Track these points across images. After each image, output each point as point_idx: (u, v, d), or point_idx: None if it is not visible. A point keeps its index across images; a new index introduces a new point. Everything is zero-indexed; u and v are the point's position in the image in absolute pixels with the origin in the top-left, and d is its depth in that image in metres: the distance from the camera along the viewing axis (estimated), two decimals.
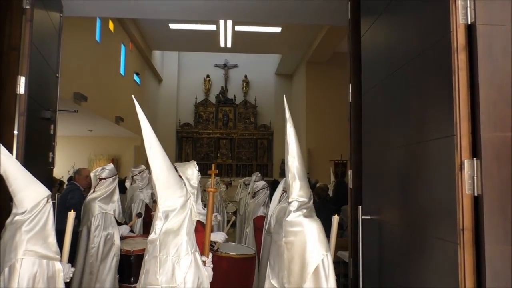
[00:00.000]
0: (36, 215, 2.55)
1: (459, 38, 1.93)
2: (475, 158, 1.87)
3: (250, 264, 4.27)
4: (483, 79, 1.87)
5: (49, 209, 2.61)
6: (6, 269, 2.44)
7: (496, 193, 1.83)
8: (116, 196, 4.50)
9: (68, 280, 2.74)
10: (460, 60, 1.92)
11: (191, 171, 3.17)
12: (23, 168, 2.61)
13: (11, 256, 2.46)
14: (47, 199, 2.60)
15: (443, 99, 2.01)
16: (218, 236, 3.77)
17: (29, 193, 2.54)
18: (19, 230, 2.51)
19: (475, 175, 1.86)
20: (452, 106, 1.92)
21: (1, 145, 2.54)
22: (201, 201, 3.43)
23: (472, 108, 1.91)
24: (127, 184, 5.86)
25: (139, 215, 5.26)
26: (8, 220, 2.57)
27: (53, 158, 4.28)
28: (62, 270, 2.64)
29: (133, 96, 2.59)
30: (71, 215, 2.83)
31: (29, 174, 2.61)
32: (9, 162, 2.53)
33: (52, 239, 2.60)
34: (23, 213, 2.53)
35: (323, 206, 5.55)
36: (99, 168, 4.54)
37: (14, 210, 2.56)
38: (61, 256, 2.72)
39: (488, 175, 1.84)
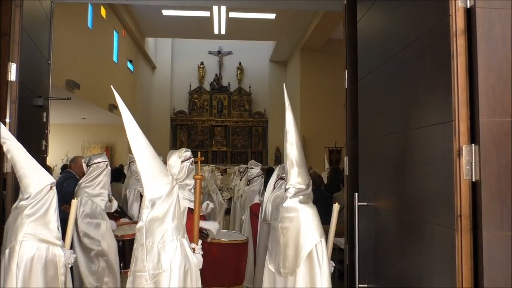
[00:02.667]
0: (39, 201, 2.68)
1: (458, 22, 1.90)
2: (473, 144, 1.86)
3: (242, 250, 4.26)
4: (482, 64, 1.85)
5: (52, 196, 2.75)
6: (7, 251, 2.61)
7: (494, 179, 1.82)
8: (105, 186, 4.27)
9: (70, 266, 2.84)
10: (459, 44, 1.89)
11: (175, 158, 3.24)
12: (30, 155, 2.72)
13: (12, 239, 2.62)
14: (51, 186, 2.73)
15: (441, 84, 1.99)
16: (211, 225, 3.67)
17: (34, 179, 2.69)
18: (21, 214, 2.65)
19: (473, 161, 1.85)
20: (451, 91, 1.90)
21: (9, 132, 2.71)
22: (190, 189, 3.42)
23: (470, 93, 1.89)
24: (126, 170, 5.80)
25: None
26: (14, 205, 2.74)
27: (46, 146, 4.23)
28: (63, 255, 2.75)
29: (112, 86, 2.58)
30: (74, 203, 2.94)
31: (35, 161, 2.74)
32: (17, 149, 2.68)
33: (53, 225, 2.74)
34: (27, 198, 2.67)
35: (318, 193, 5.55)
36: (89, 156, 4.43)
37: (20, 196, 2.72)
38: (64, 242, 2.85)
39: (486, 161, 1.82)
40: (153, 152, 2.50)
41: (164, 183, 2.48)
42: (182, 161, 3.25)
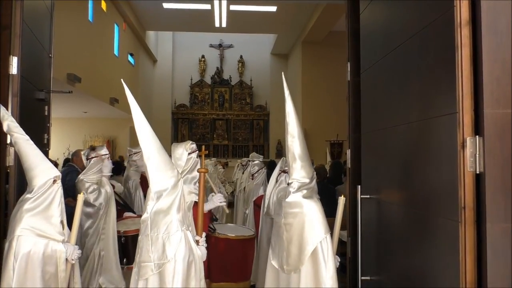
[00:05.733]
0: (41, 195, 2.62)
1: (463, 12, 1.88)
2: (477, 136, 1.85)
3: (249, 246, 4.20)
4: (486, 55, 1.83)
5: (56, 190, 2.69)
6: (7, 245, 2.57)
7: (498, 171, 1.81)
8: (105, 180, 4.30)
9: (73, 262, 2.77)
10: (464, 35, 1.88)
11: (181, 150, 3.18)
12: (37, 148, 2.70)
13: (11, 233, 2.57)
14: (54, 180, 2.69)
15: (445, 76, 1.98)
16: (216, 199, 3.60)
17: (38, 172, 2.64)
18: (21, 208, 2.60)
19: (477, 153, 1.84)
20: (455, 82, 1.89)
21: (18, 125, 2.65)
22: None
23: (474, 85, 1.88)
24: (126, 163, 5.83)
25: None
26: (20, 198, 2.69)
27: (48, 140, 4.22)
28: (64, 251, 2.67)
29: (122, 80, 2.65)
30: (81, 197, 2.90)
31: (41, 154, 2.71)
32: (23, 141, 2.65)
33: (56, 219, 2.66)
34: (31, 191, 2.62)
35: (322, 186, 5.53)
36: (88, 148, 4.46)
37: (27, 189, 2.68)
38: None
39: (491, 153, 1.82)
40: (159, 145, 2.56)
41: (170, 176, 2.54)
42: (189, 153, 3.20)
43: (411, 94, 2.38)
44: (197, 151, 3.31)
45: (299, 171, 2.81)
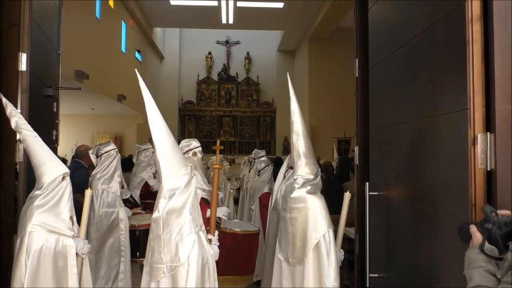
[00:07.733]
0: (51, 191, 2.65)
1: (474, 7, 1.86)
2: (488, 132, 1.83)
3: (254, 241, 4.33)
4: (498, 50, 1.81)
5: (65, 186, 2.71)
6: (18, 241, 2.61)
7: (509, 168, 1.79)
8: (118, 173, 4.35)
9: (84, 256, 2.82)
10: (475, 31, 1.86)
11: (180, 145, 3.17)
12: (45, 145, 2.71)
13: (21, 229, 2.61)
14: (63, 177, 2.70)
15: (456, 72, 1.96)
16: (221, 212, 3.67)
17: (47, 169, 2.65)
18: (31, 205, 2.62)
19: (488, 150, 1.82)
20: (466, 78, 1.87)
21: (26, 122, 2.67)
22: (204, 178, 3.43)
23: (486, 81, 1.86)
24: (135, 160, 5.89)
25: None
26: (29, 195, 2.71)
27: (57, 136, 4.25)
28: (73, 246, 2.70)
29: (136, 70, 2.61)
30: (88, 193, 2.91)
31: (50, 151, 2.73)
32: (32, 138, 2.66)
33: (65, 215, 2.69)
34: (40, 188, 2.64)
35: (329, 183, 5.51)
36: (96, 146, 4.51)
37: (36, 185, 2.70)
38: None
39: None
40: (173, 141, 2.48)
41: (183, 173, 2.45)
42: (183, 153, 3.18)
43: (420, 91, 2.36)
44: (195, 149, 3.32)
45: (304, 168, 2.91)
